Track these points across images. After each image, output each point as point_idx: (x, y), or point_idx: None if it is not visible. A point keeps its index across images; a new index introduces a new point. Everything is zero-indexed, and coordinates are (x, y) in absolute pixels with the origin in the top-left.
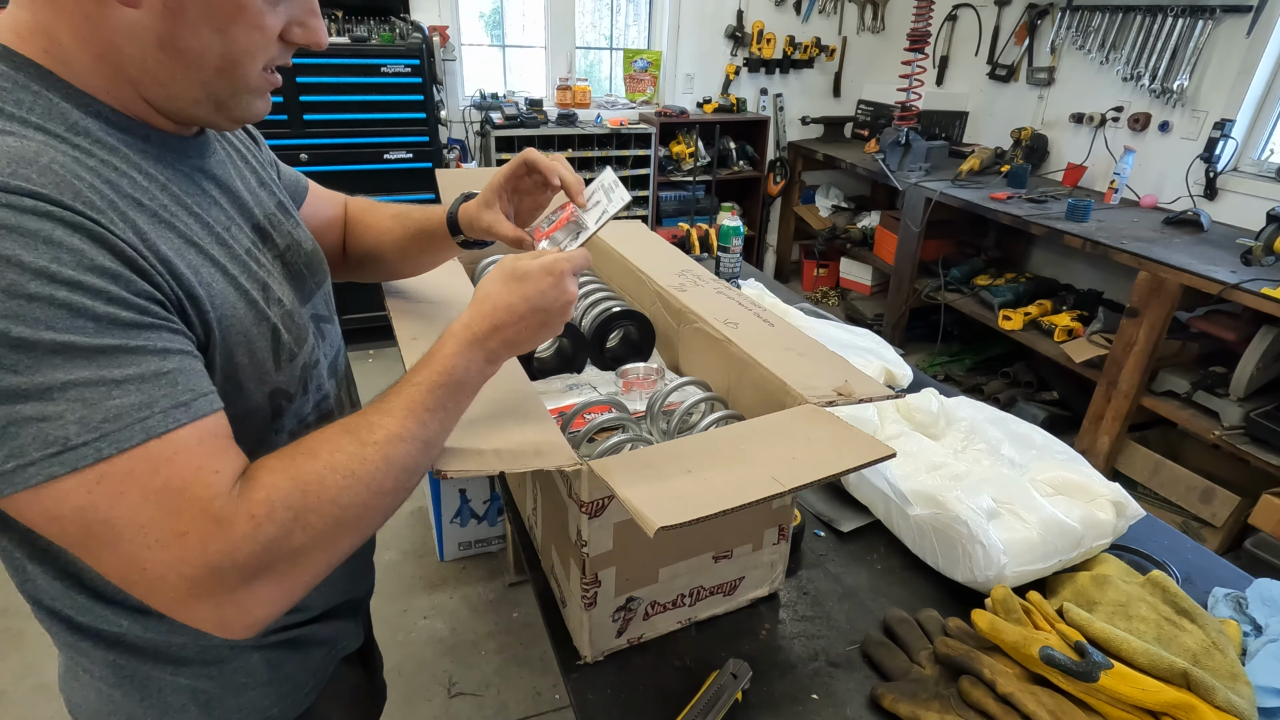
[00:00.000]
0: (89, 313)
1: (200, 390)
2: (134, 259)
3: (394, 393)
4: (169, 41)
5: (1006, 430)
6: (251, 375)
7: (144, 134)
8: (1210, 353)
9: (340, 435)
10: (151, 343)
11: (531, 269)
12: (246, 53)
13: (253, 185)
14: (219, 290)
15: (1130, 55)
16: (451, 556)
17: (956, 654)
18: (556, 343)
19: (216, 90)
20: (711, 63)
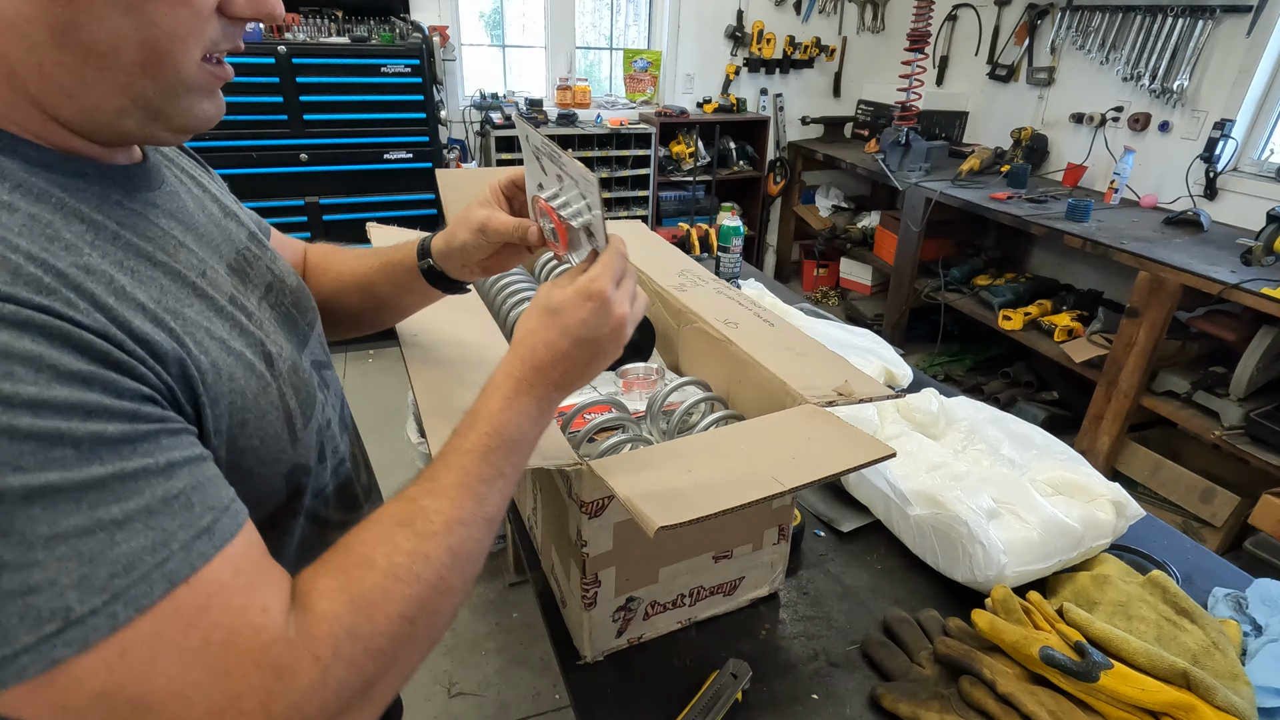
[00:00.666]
0: (66, 438)
1: (220, 503)
2: (107, 351)
3: (443, 465)
4: (68, 33)
5: (1006, 430)
6: (264, 458)
7: (75, 169)
8: (1210, 353)
9: (394, 531)
10: (153, 459)
11: (566, 297)
12: (172, 37)
13: (216, 216)
14: (213, 362)
15: (1130, 55)
16: None
17: (956, 654)
18: None
19: (143, 92)
20: (711, 63)
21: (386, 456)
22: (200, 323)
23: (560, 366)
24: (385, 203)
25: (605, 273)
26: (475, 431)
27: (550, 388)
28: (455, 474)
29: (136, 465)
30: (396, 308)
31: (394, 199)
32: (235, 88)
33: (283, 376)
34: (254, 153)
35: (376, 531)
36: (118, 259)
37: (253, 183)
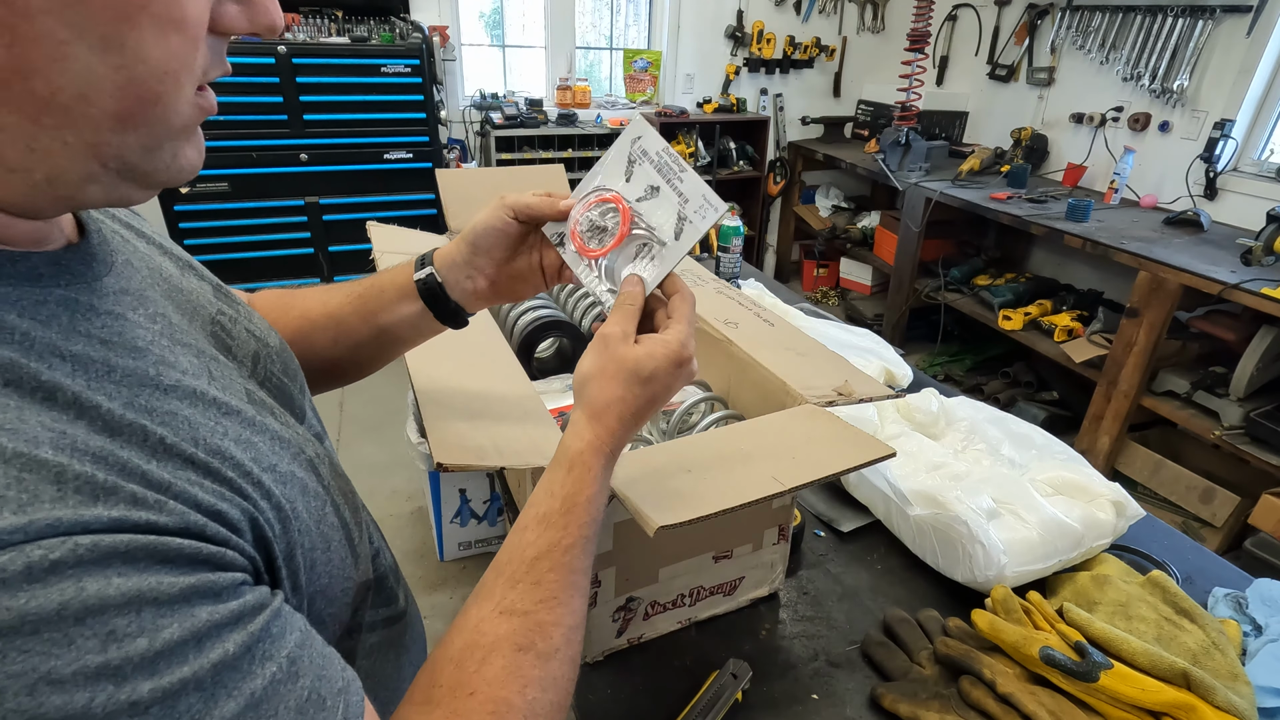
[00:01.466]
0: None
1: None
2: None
3: (548, 565)
4: (14, 87)
5: (1006, 430)
6: (332, 596)
7: (27, 272)
8: (1210, 353)
9: (519, 661)
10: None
11: (660, 367)
12: (163, 75)
13: (174, 275)
14: (275, 503)
15: (1130, 55)
16: (451, 556)
17: (956, 654)
18: (556, 343)
19: (120, 151)
20: (711, 63)
21: (386, 456)
22: (245, 455)
23: (636, 426)
24: (385, 203)
25: (691, 334)
26: (576, 523)
27: (626, 442)
28: (563, 575)
29: (265, 680)
30: (376, 347)
31: (394, 199)
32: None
33: (331, 487)
34: (254, 153)
35: (501, 666)
36: (129, 399)
37: (253, 183)
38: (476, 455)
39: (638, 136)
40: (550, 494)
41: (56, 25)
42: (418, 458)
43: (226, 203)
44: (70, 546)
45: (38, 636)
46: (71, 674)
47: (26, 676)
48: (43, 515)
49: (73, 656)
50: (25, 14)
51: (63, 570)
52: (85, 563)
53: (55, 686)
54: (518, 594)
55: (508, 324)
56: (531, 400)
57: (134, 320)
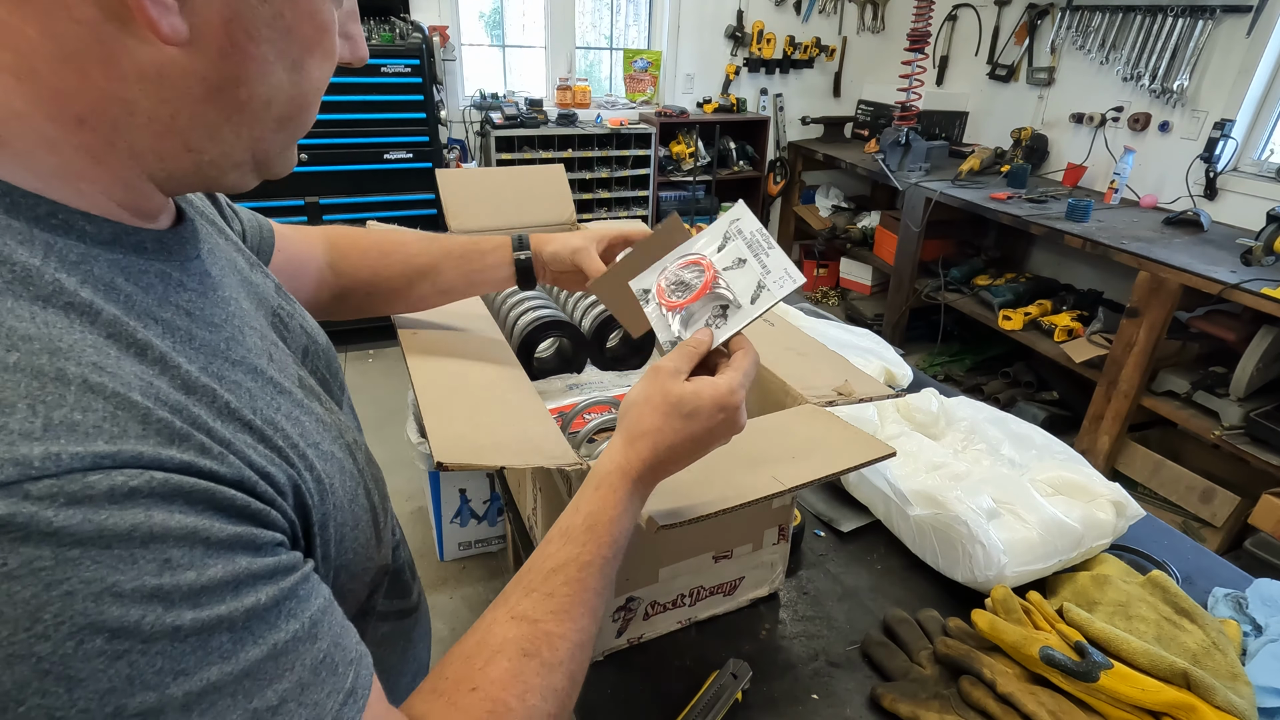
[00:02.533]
0: (224, 623)
1: (353, 652)
2: (246, 504)
3: (562, 579)
4: (226, 91)
5: (1006, 430)
6: (355, 571)
7: (135, 243)
8: (1210, 353)
9: (522, 666)
10: (299, 622)
11: (703, 405)
12: (318, 91)
13: (244, 268)
14: (316, 477)
15: (1130, 55)
16: (451, 556)
17: (956, 654)
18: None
19: (270, 146)
20: (711, 63)
21: (386, 456)
22: (294, 430)
23: (674, 466)
24: (385, 203)
25: (744, 384)
26: (596, 541)
27: (656, 480)
28: (577, 591)
29: (288, 635)
30: (462, 293)
31: (394, 199)
32: None
33: (365, 472)
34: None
35: (505, 668)
36: (204, 365)
37: None
38: (476, 455)
39: (736, 218)
40: (576, 510)
41: (270, 50)
42: (418, 458)
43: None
44: (147, 478)
45: (110, 551)
46: (131, 590)
47: (95, 584)
48: (130, 447)
49: (134, 574)
50: (255, 40)
51: (137, 497)
52: (156, 495)
53: (116, 599)
54: (530, 602)
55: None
56: (531, 400)
57: (213, 299)
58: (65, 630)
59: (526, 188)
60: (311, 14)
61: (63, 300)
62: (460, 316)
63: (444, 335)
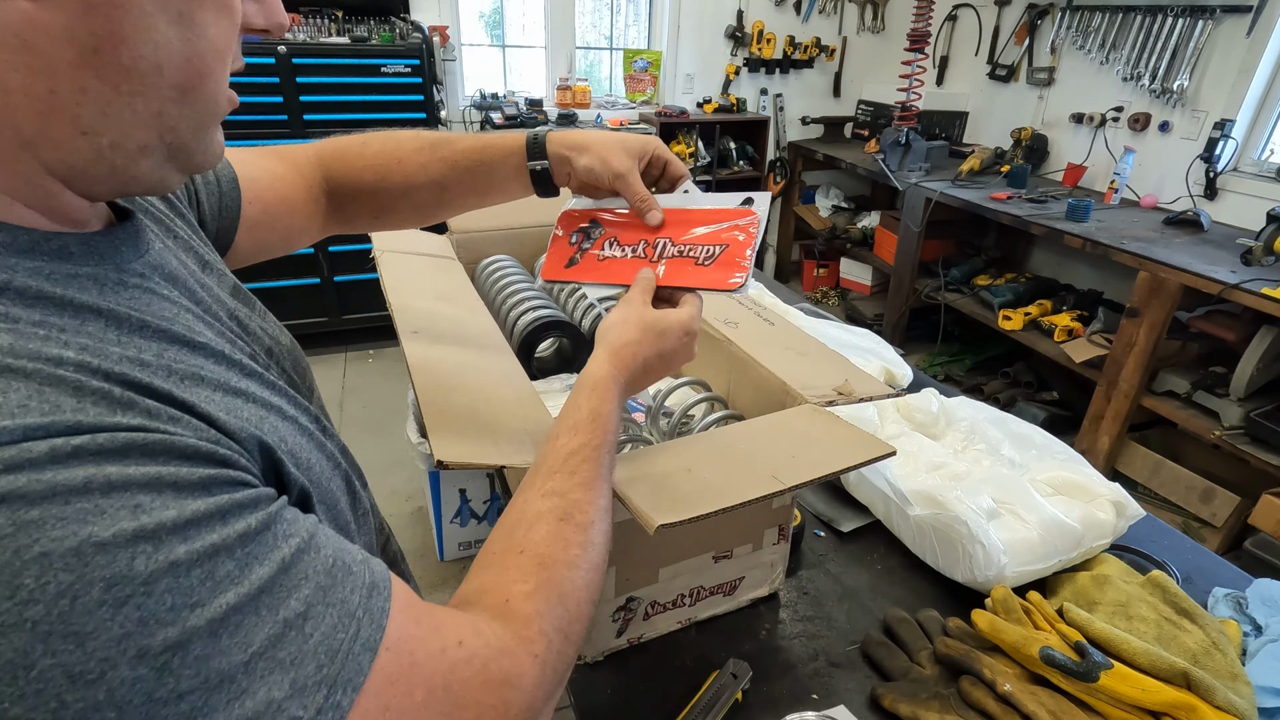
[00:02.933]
0: (222, 551)
1: (356, 554)
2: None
3: (580, 459)
4: (103, 50)
5: (1006, 430)
6: None
7: (58, 249)
8: (1210, 353)
9: (560, 528)
10: (299, 537)
11: (670, 326)
12: (216, 53)
13: (196, 273)
14: (290, 447)
15: (1130, 55)
16: (451, 556)
17: (956, 654)
18: (556, 343)
19: (175, 123)
20: (711, 63)
21: (386, 456)
22: (270, 402)
23: (644, 379)
24: None
25: (698, 319)
26: (600, 428)
27: (631, 390)
28: (593, 468)
29: (291, 550)
30: (470, 205)
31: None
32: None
33: (335, 457)
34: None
35: (544, 531)
36: (157, 351)
37: None
38: (477, 454)
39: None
40: (577, 408)
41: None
42: (418, 458)
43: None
44: (88, 439)
45: (70, 505)
46: (111, 536)
47: (70, 539)
48: (64, 419)
49: (108, 522)
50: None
51: (84, 455)
52: (105, 451)
53: (98, 548)
54: (556, 481)
55: (508, 324)
56: (531, 400)
57: (162, 295)
58: (53, 590)
59: None
60: None
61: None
62: (460, 312)
63: (444, 335)
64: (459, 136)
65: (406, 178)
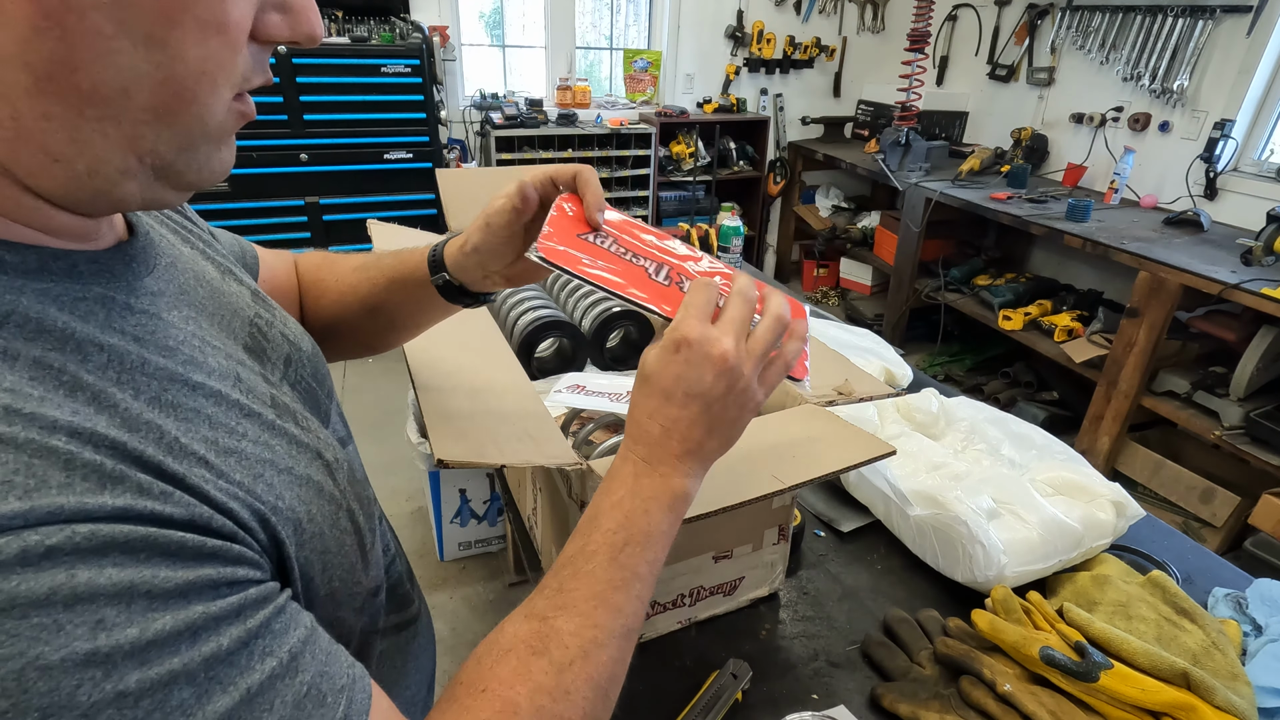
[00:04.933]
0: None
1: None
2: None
3: (570, 572)
4: (58, 76)
5: (1006, 430)
6: (341, 599)
7: (66, 268)
8: (1210, 353)
9: (530, 664)
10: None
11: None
12: (200, 75)
13: (215, 280)
14: (288, 505)
15: (1130, 55)
16: (451, 556)
17: (956, 654)
18: (556, 343)
19: (155, 146)
20: (711, 63)
21: (386, 456)
22: (262, 456)
23: (676, 435)
24: (385, 203)
25: (688, 314)
26: (600, 530)
27: (674, 461)
28: (585, 584)
29: (262, 675)
30: (410, 325)
31: (394, 199)
32: None
33: (347, 492)
34: (254, 153)
35: (512, 666)
36: (154, 395)
37: (253, 183)
38: (477, 453)
39: None
40: (590, 504)
41: (105, 22)
42: (418, 458)
43: (226, 203)
44: (68, 534)
45: (26, 620)
46: (59, 660)
47: (14, 660)
48: (46, 501)
49: (61, 643)
50: (77, 10)
51: (57, 557)
52: (81, 551)
53: (42, 672)
54: (542, 599)
55: (508, 324)
56: (531, 400)
57: (168, 320)
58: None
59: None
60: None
61: None
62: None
63: (444, 336)
64: (386, 254)
65: (340, 296)
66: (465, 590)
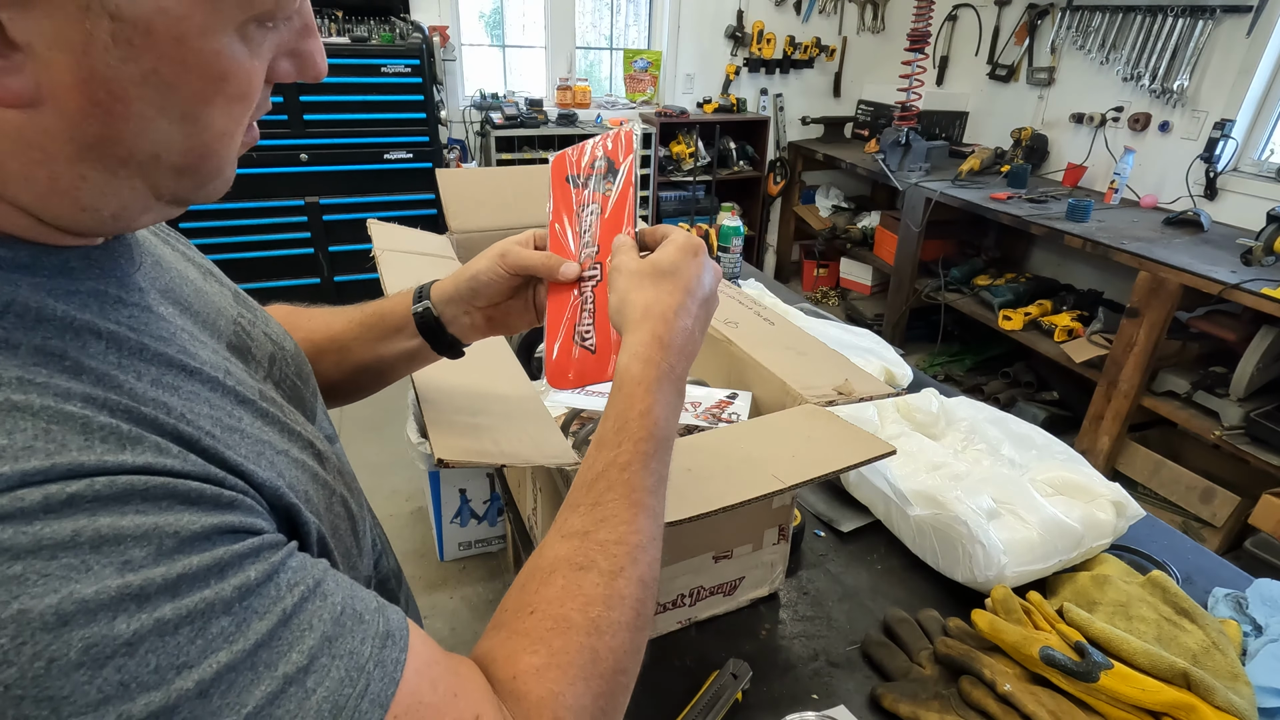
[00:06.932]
0: (217, 607)
1: (370, 601)
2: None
3: (605, 485)
4: (99, 148)
5: (1006, 430)
6: None
7: (59, 265)
8: (1210, 353)
9: (578, 580)
10: (304, 584)
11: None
12: (224, 134)
13: (197, 280)
14: (290, 484)
15: (1130, 55)
16: (451, 556)
17: (956, 654)
18: None
19: (177, 191)
20: (711, 63)
21: (386, 456)
22: (261, 437)
23: (689, 334)
24: (385, 203)
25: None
26: (631, 439)
27: (684, 362)
28: (621, 494)
29: (295, 599)
30: (376, 372)
31: (394, 199)
32: None
33: (337, 479)
34: (254, 153)
35: (559, 585)
36: (155, 376)
37: (253, 183)
38: (477, 453)
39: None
40: (606, 417)
41: (147, 107)
42: (418, 458)
43: (226, 203)
44: (87, 484)
45: (56, 561)
46: (93, 595)
47: (50, 597)
48: (67, 459)
49: (91, 580)
50: (123, 99)
51: (79, 504)
52: (103, 498)
53: (80, 607)
54: (578, 516)
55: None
56: (531, 400)
57: (157, 312)
58: (29, 652)
59: (526, 188)
60: (201, 67)
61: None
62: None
63: None
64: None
65: (309, 333)
66: (465, 590)
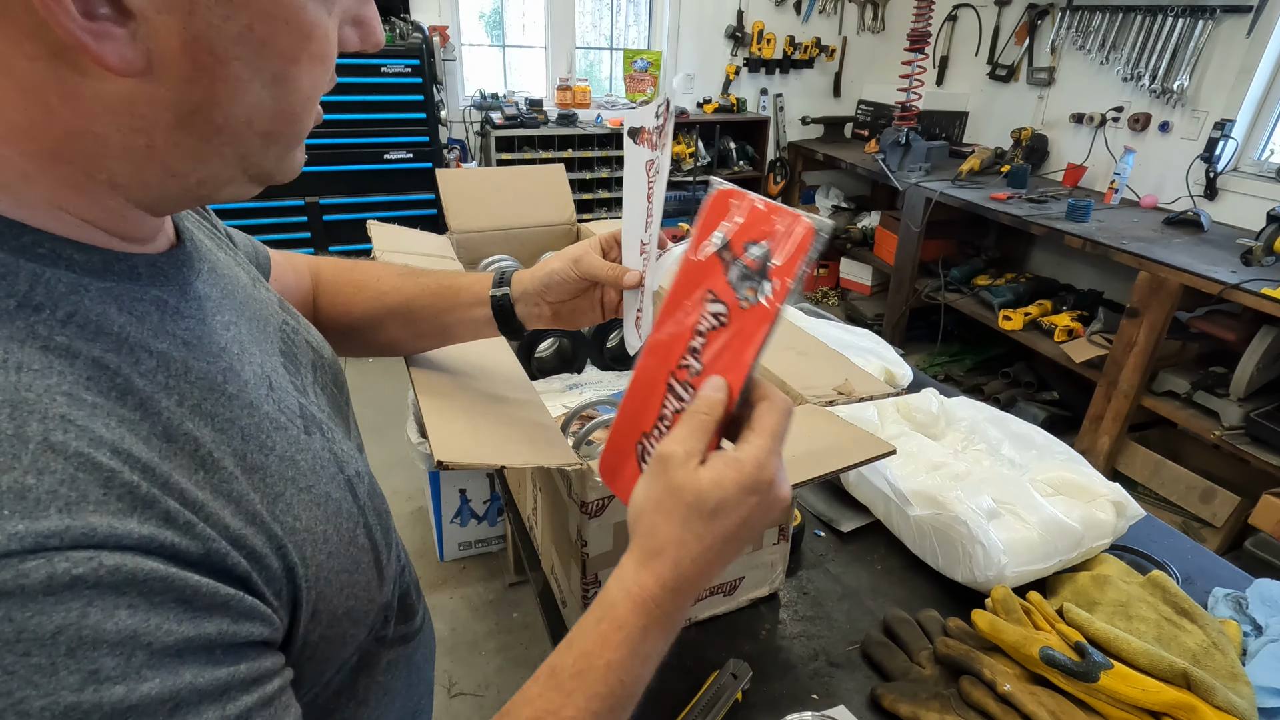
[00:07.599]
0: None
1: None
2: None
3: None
4: (198, 116)
5: (1006, 430)
6: (356, 616)
7: (127, 270)
8: (1210, 353)
9: None
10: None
11: (728, 496)
12: (309, 98)
13: (248, 285)
14: (307, 527)
15: (1130, 55)
16: (451, 556)
17: (956, 654)
18: (556, 343)
19: (261, 161)
20: (711, 63)
21: (386, 456)
22: (285, 474)
23: (705, 579)
24: (385, 203)
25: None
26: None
27: (690, 599)
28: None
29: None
30: (440, 337)
31: (394, 199)
32: None
33: (366, 507)
34: None
35: None
36: (195, 402)
37: None
38: (477, 454)
39: None
40: (569, 645)
41: (243, 69)
42: (418, 458)
43: (226, 202)
44: (95, 565)
45: (26, 659)
46: (39, 709)
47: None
48: (82, 521)
49: (49, 689)
50: (223, 60)
51: (79, 588)
52: (103, 585)
53: (19, 717)
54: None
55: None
56: (532, 400)
57: (212, 325)
58: None
59: (526, 188)
60: (289, 21)
61: (39, 341)
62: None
63: None
64: (437, 271)
65: (379, 295)
66: (465, 590)
